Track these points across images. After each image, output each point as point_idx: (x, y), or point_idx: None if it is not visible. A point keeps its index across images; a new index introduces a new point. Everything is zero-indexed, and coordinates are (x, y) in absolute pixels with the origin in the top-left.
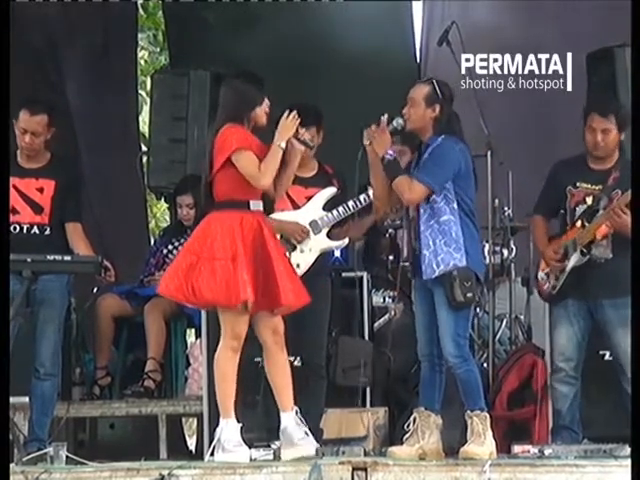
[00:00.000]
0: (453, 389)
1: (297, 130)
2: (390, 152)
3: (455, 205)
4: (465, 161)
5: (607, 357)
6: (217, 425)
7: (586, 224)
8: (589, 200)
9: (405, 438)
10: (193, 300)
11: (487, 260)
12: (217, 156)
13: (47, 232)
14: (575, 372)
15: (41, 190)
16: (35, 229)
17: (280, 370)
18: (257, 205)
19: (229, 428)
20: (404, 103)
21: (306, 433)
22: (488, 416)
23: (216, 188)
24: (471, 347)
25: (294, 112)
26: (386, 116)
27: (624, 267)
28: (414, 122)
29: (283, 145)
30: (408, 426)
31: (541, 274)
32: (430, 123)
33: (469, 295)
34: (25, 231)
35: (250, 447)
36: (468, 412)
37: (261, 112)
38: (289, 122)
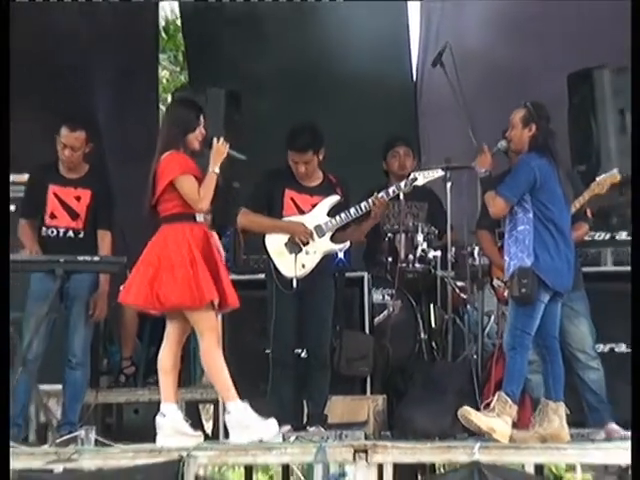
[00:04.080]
0: (446, 380)
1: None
2: (483, 170)
3: (531, 215)
4: (542, 175)
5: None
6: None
7: None
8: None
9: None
10: (158, 307)
11: (477, 262)
12: (160, 180)
13: (80, 236)
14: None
15: (78, 198)
16: (70, 233)
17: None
18: (201, 217)
19: (239, 407)
20: (403, 117)
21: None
22: (509, 402)
23: (162, 206)
24: (462, 340)
25: (222, 138)
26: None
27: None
28: (515, 143)
29: (217, 170)
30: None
31: (497, 282)
32: (527, 142)
33: (523, 291)
34: (61, 234)
35: None
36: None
37: (193, 138)
38: (220, 147)
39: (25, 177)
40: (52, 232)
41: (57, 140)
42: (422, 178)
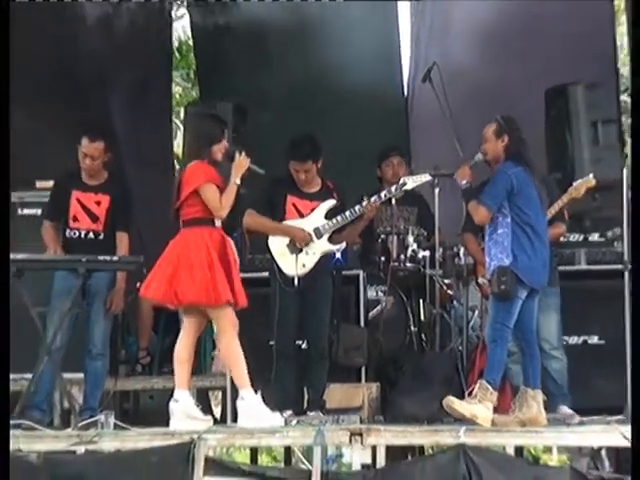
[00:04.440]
0: (434, 369)
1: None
2: (464, 182)
3: (509, 219)
4: (518, 182)
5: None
6: (237, 396)
7: None
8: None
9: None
10: (176, 302)
11: (462, 261)
12: (185, 187)
13: (100, 237)
14: (519, 352)
15: (98, 203)
16: (91, 234)
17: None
18: (219, 222)
19: (252, 395)
20: (395, 129)
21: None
22: (490, 389)
23: (185, 210)
24: (449, 333)
25: (244, 153)
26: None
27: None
28: (490, 154)
29: (238, 181)
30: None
31: (481, 279)
32: (502, 152)
33: (502, 287)
34: (83, 236)
35: None
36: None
37: (217, 150)
38: (242, 161)
39: (50, 183)
40: (75, 234)
41: (79, 150)
42: (411, 182)
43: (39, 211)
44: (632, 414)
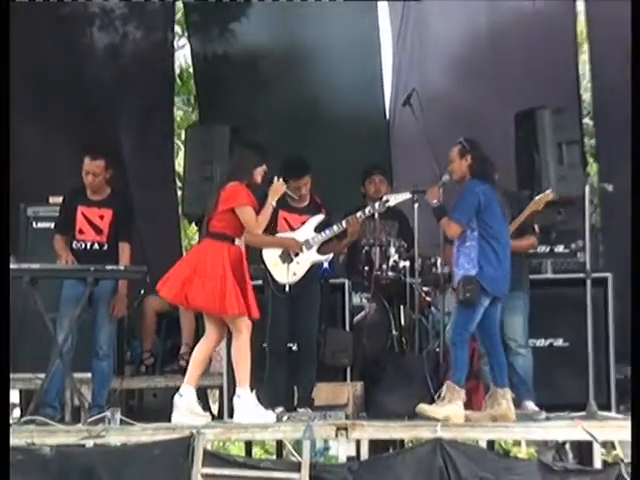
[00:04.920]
0: (414, 370)
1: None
2: (435, 201)
3: (476, 233)
4: (485, 197)
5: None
6: (233, 394)
7: None
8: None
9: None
10: (185, 305)
11: (439, 271)
12: (223, 202)
13: (104, 248)
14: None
15: (102, 217)
16: (96, 245)
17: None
18: (239, 242)
19: (248, 394)
20: (378, 150)
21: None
22: (457, 389)
23: (213, 222)
24: (427, 336)
25: (281, 179)
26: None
27: (516, 270)
28: (456, 173)
29: (274, 203)
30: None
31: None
32: (467, 171)
33: (467, 295)
34: (88, 247)
35: None
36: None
37: (257, 174)
38: (279, 186)
39: (60, 199)
40: (81, 245)
41: (82, 168)
42: (393, 199)
43: (52, 225)
44: (632, 414)
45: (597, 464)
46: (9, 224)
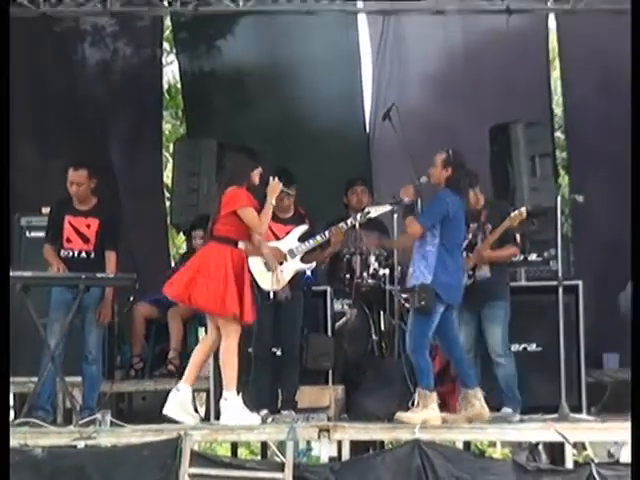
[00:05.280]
0: (393, 373)
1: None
2: (407, 199)
3: (437, 241)
4: (454, 209)
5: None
6: (220, 397)
7: (469, 254)
8: (470, 235)
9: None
10: (188, 304)
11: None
12: (225, 206)
13: (92, 256)
14: (474, 359)
15: (88, 226)
16: (83, 254)
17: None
18: (242, 244)
19: (234, 397)
20: (359, 162)
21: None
22: (428, 393)
23: (217, 226)
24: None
25: (277, 178)
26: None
27: (497, 279)
28: (434, 179)
29: (274, 202)
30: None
31: None
32: (444, 180)
33: (422, 303)
34: (76, 255)
35: None
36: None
37: (254, 176)
38: (275, 185)
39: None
40: (69, 253)
41: (67, 179)
42: (374, 211)
43: (44, 234)
44: (632, 414)
45: (569, 464)
46: (9, 234)
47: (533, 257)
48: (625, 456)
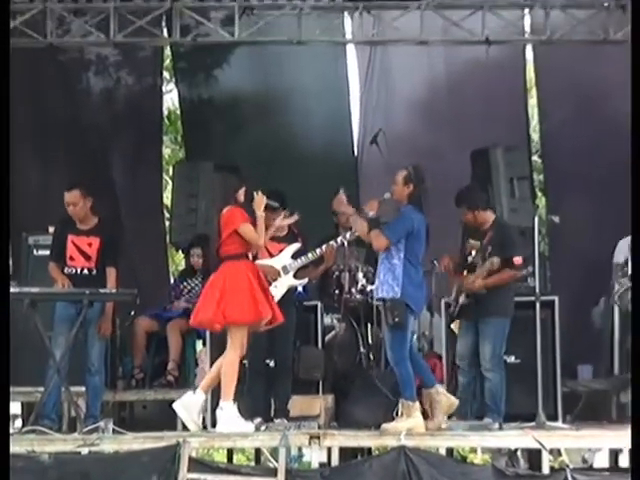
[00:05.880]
0: (380, 383)
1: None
2: (372, 212)
3: (402, 254)
4: (418, 225)
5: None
6: (216, 406)
7: (469, 274)
8: (474, 252)
9: None
10: (223, 322)
11: None
12: (225, 227)
13: (93, 273)
14: (468, 368)
15: (90, 244)
16: (85, 271)
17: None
18: (250, 256)
19: (231, 407)
20: (348, 183)
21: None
22: (411, 404)
23: (224, 248)
24: None
25: (260, 192)
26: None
27: (492, 297)
28: (396, 196)
29: (262, 214)
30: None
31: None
32: (406, 197)
33: (396, 320)
34: (79, 272)
35: None
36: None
37: (240, 195)
38: (259, 199)
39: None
40: (72, 270)
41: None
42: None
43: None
44: (632, 417)
45: (545, 470)
46: (10, 250)
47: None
48: (598, 462)
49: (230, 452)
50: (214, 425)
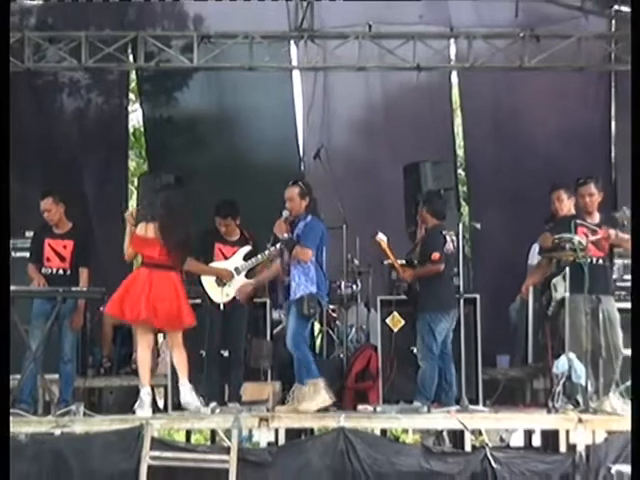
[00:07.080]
0: (322, 372)
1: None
2: (285, 235)
3: (314, 258)
4: (323, 232)
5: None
6: (177, 392)
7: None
8: (414, 252)
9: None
10: (157, 324)
11: (343, 291)
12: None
13: (68, 273)
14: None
15: (65, 247)
16: (60, 271)
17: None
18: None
19: (187, 382)
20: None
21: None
22: (314, 381)
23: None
24: (333, 344)
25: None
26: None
27: (422, 293)
28: (295, 211)
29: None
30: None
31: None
32: (304, 209)
33: (311, 311)
34: (54, 272)
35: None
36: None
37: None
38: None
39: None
40: (48, 271)
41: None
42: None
43: (27, 254)
44: (632, 415)
45: (467, 448)
46: (8, 250)
47: None
48: (514, 441)
49: (188, 433)
50: (174, 408)
